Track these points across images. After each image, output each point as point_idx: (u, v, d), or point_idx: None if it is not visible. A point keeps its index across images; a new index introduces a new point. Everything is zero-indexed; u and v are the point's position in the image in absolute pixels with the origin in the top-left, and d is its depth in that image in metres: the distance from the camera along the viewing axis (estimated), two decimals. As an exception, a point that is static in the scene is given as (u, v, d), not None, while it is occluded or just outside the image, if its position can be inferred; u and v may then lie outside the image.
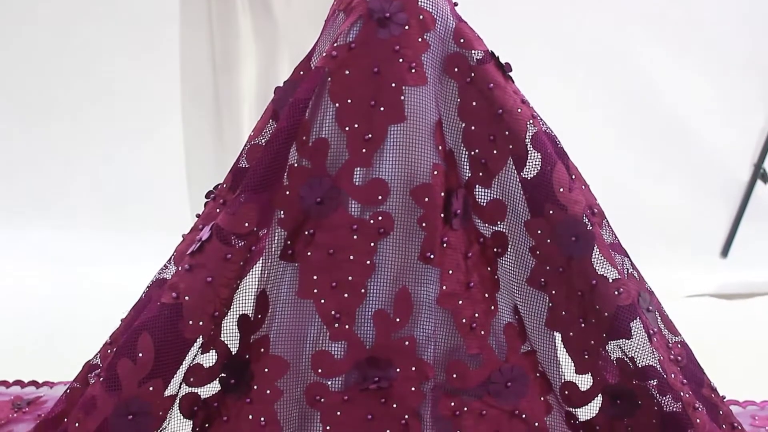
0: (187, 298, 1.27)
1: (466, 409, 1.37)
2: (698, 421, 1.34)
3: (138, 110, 2.91)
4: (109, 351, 1.41)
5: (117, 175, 2.99)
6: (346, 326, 1.34)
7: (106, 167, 2.99)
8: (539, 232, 1.34)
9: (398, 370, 1.34)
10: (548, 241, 1.34)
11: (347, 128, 1.31)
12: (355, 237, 1.32)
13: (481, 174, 1.36)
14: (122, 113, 2.93)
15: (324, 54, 1.31)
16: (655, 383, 1.34)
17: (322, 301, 1.33)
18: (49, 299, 2.66)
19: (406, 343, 1.34)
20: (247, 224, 1.29)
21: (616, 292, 1.32)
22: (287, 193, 1.32)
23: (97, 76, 2.90)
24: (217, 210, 1.38)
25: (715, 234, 3.06)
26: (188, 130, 2.85)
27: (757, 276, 2.87)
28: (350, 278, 1.33)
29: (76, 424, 1.29)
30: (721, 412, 1.47)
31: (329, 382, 1.37)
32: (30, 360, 2.24)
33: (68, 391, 1.46)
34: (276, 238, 1.34)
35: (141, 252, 2.37)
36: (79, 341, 1.64)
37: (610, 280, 1.33)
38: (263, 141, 1.37)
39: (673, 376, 1.35)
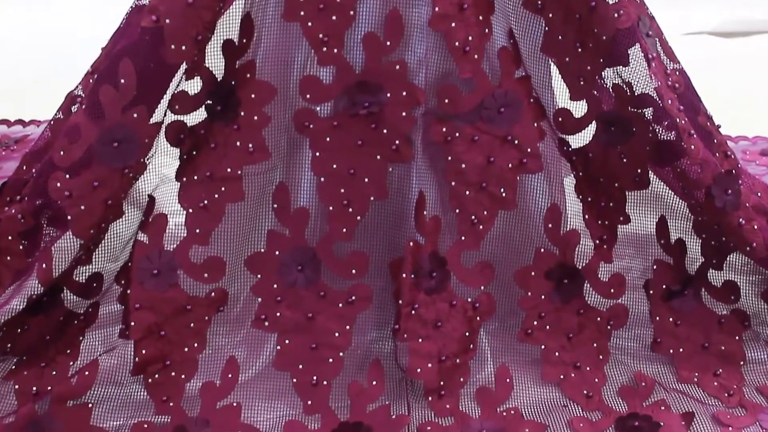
0: (167, 20, 1.22)
1: (457, 134, 1.35)
2: (692, 147, 1.33)
3: None
4: (90, 81, 1.36)
5: None
6: (335, 50, 1.29)
7: None
8: (537, -50, 1.28)
9: (389, 94, 1.31)
10: (547, -40, 1.28)
11: None
12: None
13: None
14: None
15: None
16: (650, 113, 1.32)
17: (309, 23, 1.27)
18: (34, 39, 2.64)
19: (397, 67, 1.29)
20: None
21: (615, 15, 1.27)
22: None
23: None
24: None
25: (717, -29, 3.00)
26: None
27: (757, 14, 2.85)
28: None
29: (61, 153, 1.27)
30: (715, 141, 1.46)
31: (318, 108, 1.33)
32: (16, 100, 2.24)
33: (52, 122, 1.44)
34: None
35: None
36: (66, 80, 1.61)
37: (610, 2, 1.27)
38: None
39: (669, 102, 1.33)
